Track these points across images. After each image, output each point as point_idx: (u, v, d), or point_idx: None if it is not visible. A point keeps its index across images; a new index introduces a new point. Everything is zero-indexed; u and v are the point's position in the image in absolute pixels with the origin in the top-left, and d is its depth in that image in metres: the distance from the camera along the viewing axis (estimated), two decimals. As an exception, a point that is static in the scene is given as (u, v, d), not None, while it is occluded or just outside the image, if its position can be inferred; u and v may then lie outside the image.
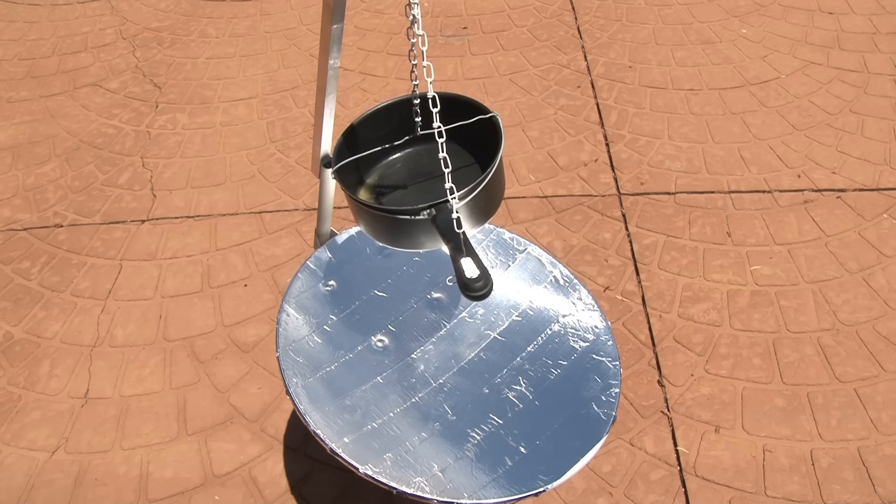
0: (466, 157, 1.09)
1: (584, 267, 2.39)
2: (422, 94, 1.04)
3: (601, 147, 2.85)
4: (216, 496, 1.88)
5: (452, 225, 0.87)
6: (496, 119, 1.04)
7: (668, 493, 1.84)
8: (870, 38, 3.34)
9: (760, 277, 2.34)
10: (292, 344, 1.26)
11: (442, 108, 0.96)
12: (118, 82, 3.35)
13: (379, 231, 1.00)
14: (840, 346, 2.13)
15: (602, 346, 1.28)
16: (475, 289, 0.82)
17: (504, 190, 1.08)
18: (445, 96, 1.06)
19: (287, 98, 3.19)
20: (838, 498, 1.82)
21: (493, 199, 1.03)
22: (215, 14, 3.78)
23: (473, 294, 0.82)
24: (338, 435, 1.12)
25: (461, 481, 1.09)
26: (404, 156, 1.13)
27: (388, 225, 0.97)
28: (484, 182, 0.96)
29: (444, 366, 1.28)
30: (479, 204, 0.98)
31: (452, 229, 0.87)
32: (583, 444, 1.12)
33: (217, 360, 2.19)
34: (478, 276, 0.82)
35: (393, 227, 0.96)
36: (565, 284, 1.38)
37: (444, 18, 3.62)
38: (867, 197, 2.59)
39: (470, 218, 0.98)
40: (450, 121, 1.03)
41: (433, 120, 1.03)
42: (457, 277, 0.84)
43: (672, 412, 2.01)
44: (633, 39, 3.41)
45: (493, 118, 1.04)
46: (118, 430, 2.03)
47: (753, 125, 2.92)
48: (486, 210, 1.01)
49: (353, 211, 1.04)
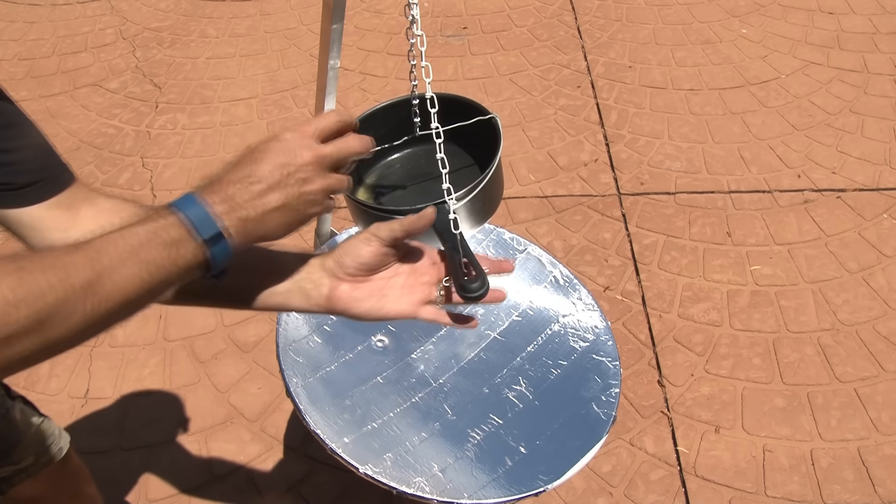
0: (465, 158, 1.09)
1: (584, 267, 2.39)
2: (420, 94, 1.04)
3: (601, 147, 2.85)
4: (216, 496, 1.88)
5: (450, 226, 0.87)
6: (495, 120, 1.04)
7: (668, 493, 1.84)
8: (870, 38, 3.34)
9: (760, 277, 2.34)
10: (292, 344, 1.26)
11: (441, 109, 0.96)
12: (118, 82, 3.35)
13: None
14: (840, 346, 2.13)
15: (602, 346, 1.28)
16: (471, 290, 0.81)
17: (503, 191, 1.08)
18: (444, 97, 1.06)
19: (287, 98, 3.19)
20: (838, 498, 1.82)
21: (492, 201, 1.03)
22: (215, 14, 3.78)
23: (469, 295, 0.82)
24: (338, 435, 1.12)
25: (461, 481, 1.09)
26: (403, 156, 1.12)
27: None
28: (482, 183, 0.96)
29: (444, 366, 1.28)
30: (477, 205, 0.98)
31: (449, 230, 0.87)
32: (583, 444, 1.12)
33: (217, 360, 2.18)
34: (474, 277, 0.82)
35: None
36: (565, 284, 1.38)
37: (444, 18, 3.62)
38: (867, 197, 2.59)
39: (468, 219, 0.98)
40: (449, 121, 1.03)
41: (431, 120, 1.03)
42: (453, 278, 0.84)
43: (672, 412, 2.01)
44: (633, 39, 3.41)
45: (492, 119, 1.04)
46: (118, 431, 2.03)
47: (753, 125, 2.92)
48: (484, 211, 1.01)
49: (351, 211, 1.04)
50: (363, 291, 0.84)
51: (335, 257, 0.84)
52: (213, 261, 0.67)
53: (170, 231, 0.64)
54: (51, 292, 0.55)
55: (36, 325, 0.54)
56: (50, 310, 0.55)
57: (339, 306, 0.84)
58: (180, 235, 0.65)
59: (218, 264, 0.68)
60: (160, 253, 0.63)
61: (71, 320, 0.57)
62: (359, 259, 0.82)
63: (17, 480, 1.28)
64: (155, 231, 0.64)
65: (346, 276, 0.83)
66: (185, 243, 0.65)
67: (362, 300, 0.84)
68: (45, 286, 0.55)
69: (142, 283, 0.62)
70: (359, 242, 0.83)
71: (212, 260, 0.67)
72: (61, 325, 0.56)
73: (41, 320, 0.55)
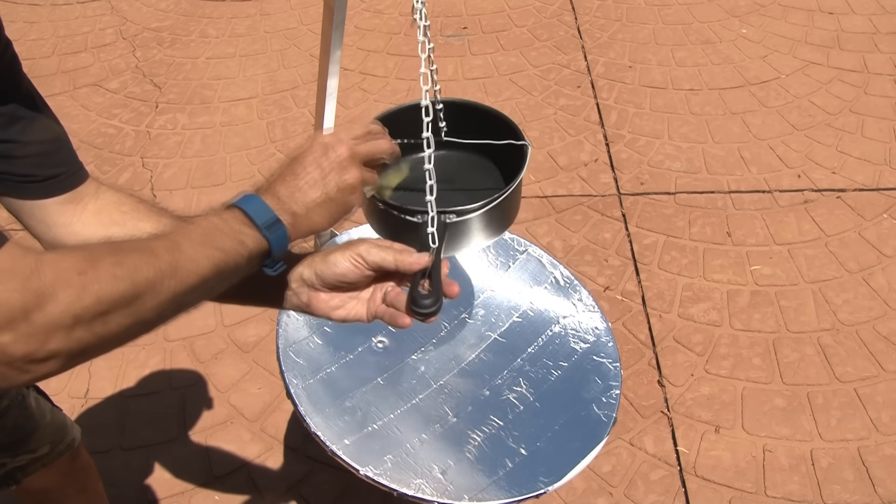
0: (490, 170, 1.06)
1: (584, 267, 2.39)
2: (444, 99, 1.02)
3: (601, 147, 2.85)
4: (216, 496, 1.88)
5: (428, 238, 0.85)
6: (526, 148, 1.00)
7: (668, 493, 1.84)
8: (870, 38, 3.34)
9: (760, 277, 2.34)
10: (292, 345, 1.26)
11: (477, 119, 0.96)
12: (118, 82, 3.35)
13: (379, 226, 0.99)
14: (840, 346, 2.13)
15: (602, 347, 1.28)
16: (422, 305, 0.79)
17: (512, 218, 1.03)
18: (486, 111, 1.05)
19: (287, 98, 3.19)
20: (838, 498, 1.82)
21: (504, 219, 0.99)
22: (215, 14, 3.78)
23: (419, 310, 0.79)
24: (338, 436, 1.12)
25: (461, 483, 1.09)
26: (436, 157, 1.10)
27: (386, 221, 0.96)
28: (479, 211, 0.92)
29: (444, 367, 1.28)
30: (485, 222, 0.95)
31: (427, 242, 0.86)
32: (583, 445, 1.12)
33: (217, 360, 2.18)
34: (428, 294, 0.80)
35: (391, 224, 0.95)
36: (566, 285, 1.38)
37: (444, 18, 3.61)
38: (867, 197, 2.59)
39: (461, 237, 0.95)
40: (483, 132, 1.01)
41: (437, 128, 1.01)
42: (409, 289, 0.82)
43: (672, 412, 2.01)
44: (633, 39, 3.41)
45: (523, 147, 1.00)
46: (118, 431, 2.03)
47: (753, 125, 2.92)
48: (493, 227, 0.98)
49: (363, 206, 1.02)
50: (340, 299, 0.86)
51: (316, 269, 0.84)
52: (272, 247, 0.75)
53: (233, 222, 0.73)
54: (144, 271, 0.61)
55: (130, 301, 0.59)
56: (143, 288, 0.60)
57: (319, 313, 0.87)
58: (243, 225, 0.74)
59: (277, 251, 0.76)
60: (228, 240, 0.71)
61: (158, 298, 0.62)
62: (342, 278, 0.83)
63: (32, 470, 1.29)
64: (221, 222, 0.72)
65: (324, 288, 0.85)
66: (248, 232, 0.73)
67: (338, 308, 0.87)
68: (139, 265, 0.61)
69: (215, 267, 0.69)
70: (344, 261, 0.83)
71: (272, 246, 0.75)
72: (151, 302, 0.62)
73: (135, 296, 0.60)
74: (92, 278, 0.56)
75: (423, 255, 0.83)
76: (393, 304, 0.84)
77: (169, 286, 0.63)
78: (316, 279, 0.84)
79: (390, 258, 0.82)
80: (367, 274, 0.84)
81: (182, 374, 2.16)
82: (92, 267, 0.57)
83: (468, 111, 1.07)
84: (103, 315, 0.57)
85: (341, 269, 0.83)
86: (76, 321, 0.55)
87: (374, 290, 0.86)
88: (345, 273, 0.83)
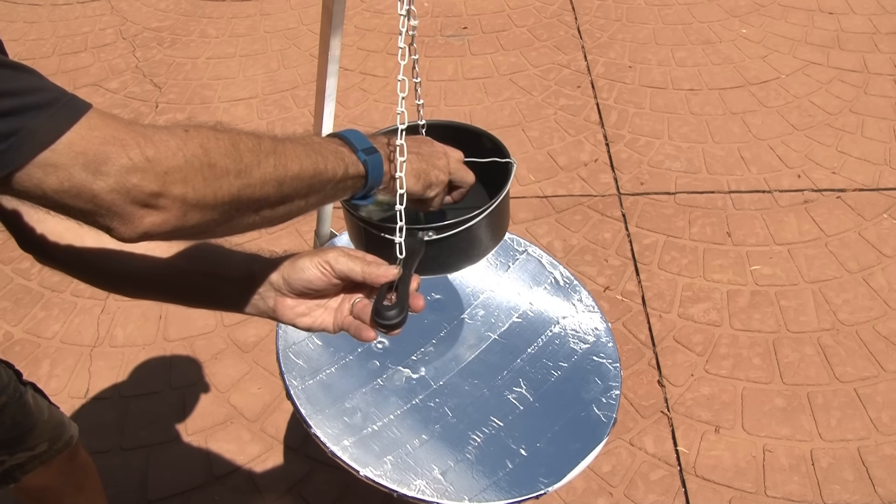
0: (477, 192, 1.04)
1: (584, 267, 2.39)
2: (428, 121, 1.02)
3: (601, 147, 2.85)
4: (216, 496, 1.88)
5: (396, 250, 0.85)
6: (510, 166, 1.00)
7: (668, 493, 1.84)
8: (870, 38, 3.34)
9: (760, 277, 2.34)
10: (292, 346, 1.26)
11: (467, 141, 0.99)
12: (118, 82, 3.35)
13: (356, 239, 0.99)
14: (840, 346, 2.13)
15: (602, 347, 1.28)
16: (385, 317, 0.78)
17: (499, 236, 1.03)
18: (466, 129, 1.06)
19: (287, 98, 3.19)
20: (838, 498, 1.82)
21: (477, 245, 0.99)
22: (215, 14, 3.78)
23: (382, 322, 0.78)
24: (338, 437, 1.12)
25: (462, 484, 1.09)
26: None
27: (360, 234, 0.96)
28: (459, 228, 0.92)
29: (444, 368, 1.28)
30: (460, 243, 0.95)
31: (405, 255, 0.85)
32: (583, 446, 1.12)
33: (217, 360, 2.19)
34: (392, 305, 0.79)
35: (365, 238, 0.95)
36: (566, 286, 1.38)
37: (444, 18, 3.61)
38: (867, 197, 2.59)
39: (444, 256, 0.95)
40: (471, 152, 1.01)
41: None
42: (374, 300, 0.81)
43: (672, 412, 2.01)
44: (633, 39, 3.41)
45: (507, 164, 1.00)
46: (118, 431, 2.03)
47: (753, 125, 2.92)
48: (467, 254, 0.97)
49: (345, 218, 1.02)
50: (307, 307, 0.85)
51: (284, 273, 0.83)
52: (369, 172, 0.80)
53: (334, 142, 0.80)
54: (245, 140, 0.68)
55: (236, 161, 0.66)
56: (245, 153, 0.67)
57: (284, 319, 0.87)
58: (343, 145, 0.80)
59: (373, 178, 0.81)
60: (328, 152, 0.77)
61: (262, 170, 0.68)
62: (309, 285, 0.82)
63: (31, 467, 1.29)
64: (322, 139, 0.79)
65: (291, 294, 0.84)
66: (347, 153, 0.79)
67: (304, 315, 0.86)
68: (240, 136, 0.68)
69: (314, 166, 0.74)
70: (312, 267, 0.81)
71: (368, 170, 0.80)
72: (255, 173, 0.67)
73: (238, 158, 0.66)
74: (194, 134, 0.63)
75: (391, 268, 0.81)
76: (359, 316, 0.82)
77: (270, 162, 0.69)
78: (283, 284, 0.83)
79: (358, 269, 0.81)
80: (335, 282, 0.82)
81: (182, 374, 2.16)
82: (194, 128, 0.64)
83: (456, 133, 1.06)
84: (211, 167, 0.63)
85: (308, 276, 0.81)
86: (188, 165, 0.61)
87: (343, 301, 0.85)
88: (311, 280, 0.81)
